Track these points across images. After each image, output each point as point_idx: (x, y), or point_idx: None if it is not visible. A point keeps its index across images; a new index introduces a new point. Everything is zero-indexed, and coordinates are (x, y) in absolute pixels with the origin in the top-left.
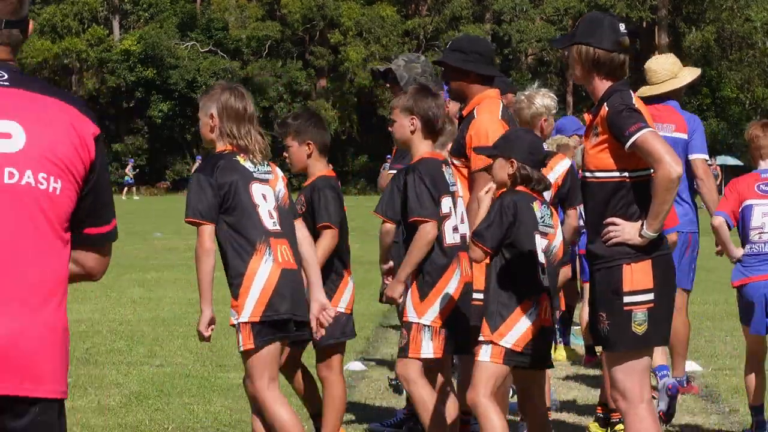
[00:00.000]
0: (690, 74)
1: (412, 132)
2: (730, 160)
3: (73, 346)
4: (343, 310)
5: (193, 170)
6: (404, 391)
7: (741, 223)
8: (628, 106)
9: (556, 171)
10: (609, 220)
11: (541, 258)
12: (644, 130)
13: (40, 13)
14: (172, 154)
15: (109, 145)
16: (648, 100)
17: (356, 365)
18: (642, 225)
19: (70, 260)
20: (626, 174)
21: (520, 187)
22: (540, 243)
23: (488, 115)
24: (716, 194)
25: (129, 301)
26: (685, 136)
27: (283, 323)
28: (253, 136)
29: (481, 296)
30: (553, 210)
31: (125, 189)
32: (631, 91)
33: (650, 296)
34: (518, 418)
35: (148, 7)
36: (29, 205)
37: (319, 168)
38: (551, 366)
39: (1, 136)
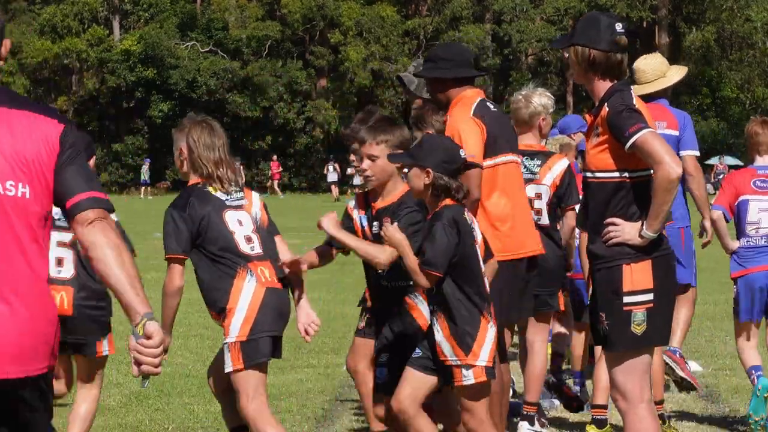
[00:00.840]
0: (678, 73)
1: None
2: (730, 160)
3: None
4: None
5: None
6: None
7: (737, 217)
8: (629, 107)
9: (554, 171)
10: (609, 220)
11: (483, 266)
12: (644, 131)
13: (40, 13)
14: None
15: (109, 145)
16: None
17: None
18: (642, 225)
19: (88, 236)
20: (626, 174)
21: (447, 200)
22: (478, 252)
23: (458, 115)
24: (705, 191)
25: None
26: (676, 133)
27: (271, 341)
28: (224, 167)
29: None
30: (472, 218)
31: (143, 189)
32: (632, 92)
33: (650, 296)
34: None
35: (149, 7)
36: (4, 212)
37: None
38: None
39: None
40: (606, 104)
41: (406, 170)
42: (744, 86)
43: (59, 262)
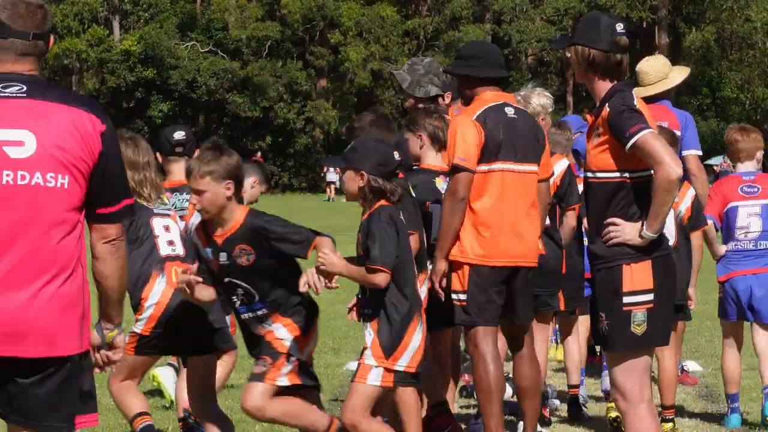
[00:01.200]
0: (680, 74)
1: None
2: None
3: None
4: None
5: None
6: None
7: (726, 223)
8: (630, 107)
9: (555, 171)
10: (609, 220)
11: (415, 268)
12: (645, 131)
13: None
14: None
15: None
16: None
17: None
18: (642, 225)
19: (98, 243)
20: (627, 175)
21: (382, 202)
22: (411, 255)
23: (461, 117)
24: (708, 189)
25: (129, 301)
26: (678, 133)
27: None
28: (148, 182)
29: (459, 297)
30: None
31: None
32: (633, 92)
33: (650, 297)
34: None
35: (148, 8)
36: (39, 201)
37: None
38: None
39: (16, 144)
40: (607, 104)
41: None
42: (744, 86)
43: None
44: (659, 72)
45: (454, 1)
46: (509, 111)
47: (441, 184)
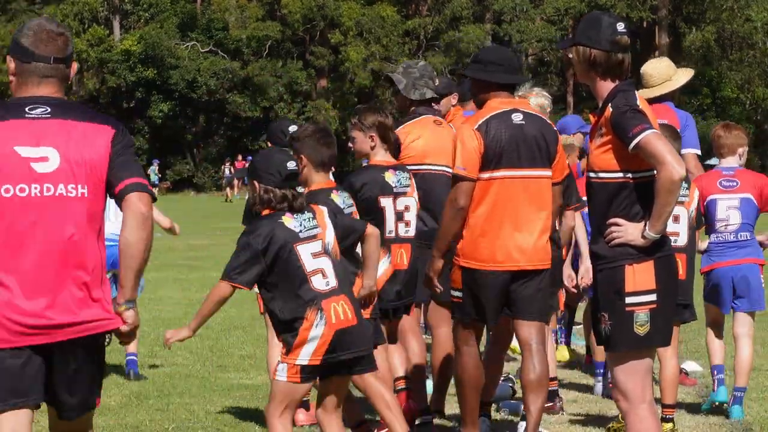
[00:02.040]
0: (684, 76)
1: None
2: None
3: None
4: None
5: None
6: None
7: (707, 216)
8: (632, 107)
9: None
10: (612, 220)
11: (313, 265)
12: (648, 132)
13: (40, 13)
14: (173, 155)
15: None
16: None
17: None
18: (645, 226)
19: (127, 210)
20: (630, 175)
21: (265, 211)
22: (307, 249)
23: (465, 126)
24: None
25: None
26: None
27: None
28: None
29: (455, 293)
30: (316, 210)
31: (228, 189)
32: (636, 92)
33: (652, 297)
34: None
35: (149, 8)
36: (64, 210)
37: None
38: (371, 368)
39: (42, 159)
40: (610, 105)
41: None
42: (744, 86)
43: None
44: (663, 74)
45: (454, 1)
46: (516, 117)
47: (391, 178)
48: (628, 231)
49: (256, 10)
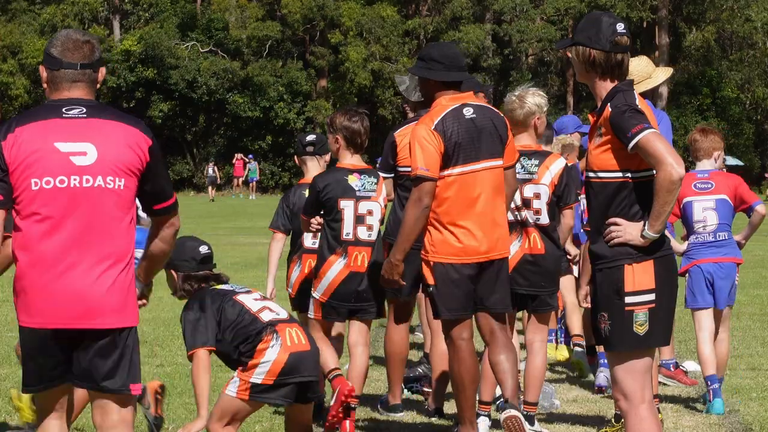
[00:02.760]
0: (663, 74)
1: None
2: (731, 160)
3: None
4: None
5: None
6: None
7: (684, 219)
8: (631, 107)
9: (552, 170)
10: (611, 220)
11: (257, 305)
12: (647, 131)
13: (40, 13)
14: (173, 154)
15: None
16: None
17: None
18: (644, 226)
19: (157, 231)
20: (629, 175)
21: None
22: (248, 300)
23: (419, 128)
24: None
25: None
26: None
27: None
28: None
29: (429, 290)
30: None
31: (210, 188)
32: (635, 92)
33: (651, 297)
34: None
35: (149, 8)
36: (103, 200)
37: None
38: (318, 399)
39: (81, 154)
40: (609, 104)
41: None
42: (744, 86)
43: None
44: (642, 72)
45: (454, 1)
46: (467, 111)
47: (355, 181)
48: (627, 231)
49: (256, 10)
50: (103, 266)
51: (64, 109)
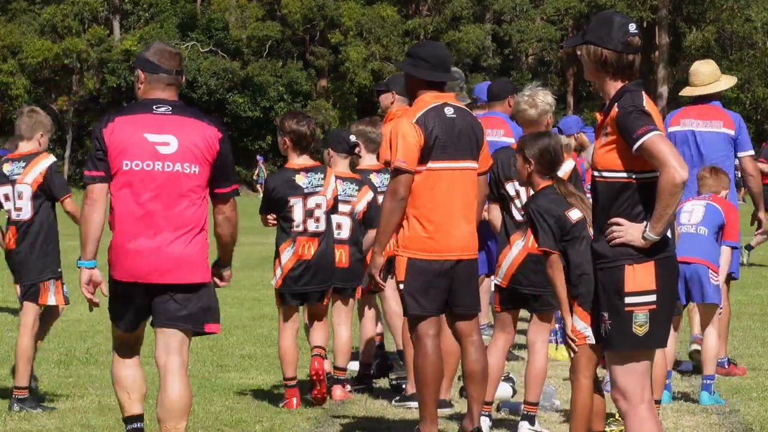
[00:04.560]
0: (729, 81)
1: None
2: None
3: (74, 346)
4: None
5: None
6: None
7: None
8: (638, 108)
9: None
10: (613, 220)
11: None
12: (652, 133)
13: (40, 13)
14: None
15: None
16: (694, 100)
17: (355, 365)
18: (645, 227)
19: (215, 217)
20: (633, 175)
21: None
22: None
23: (401, 120)
24: (761, 188)
25: None
26: (732, 132)
27: None
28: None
29: (400, 287)
30: None
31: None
32: (644, 93)
33: (652, 297)
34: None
35: (149, 8)
36: (180, 182)
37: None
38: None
39: (165, 144)
40: (616, 104)
41: None
42: (744, 86)
43: (338, 226)
44: (712, 74)
45: (455, 1)
46: (449, 111)
47: (302, 180)
48: (629, 231)
49: (256, 10)
50: (177, 233)
51: (154, 107)
